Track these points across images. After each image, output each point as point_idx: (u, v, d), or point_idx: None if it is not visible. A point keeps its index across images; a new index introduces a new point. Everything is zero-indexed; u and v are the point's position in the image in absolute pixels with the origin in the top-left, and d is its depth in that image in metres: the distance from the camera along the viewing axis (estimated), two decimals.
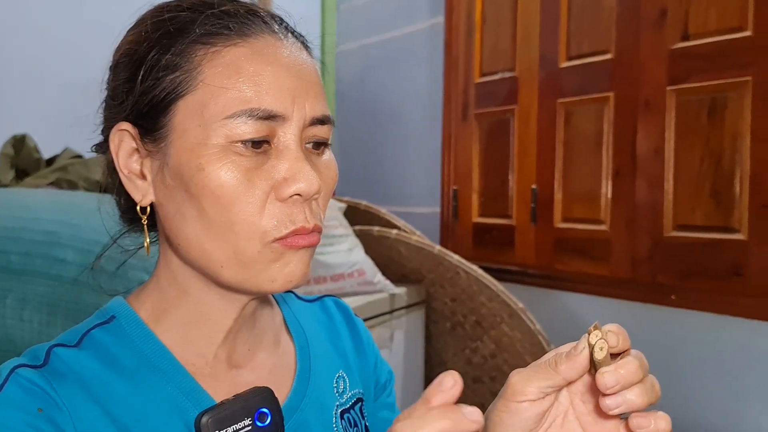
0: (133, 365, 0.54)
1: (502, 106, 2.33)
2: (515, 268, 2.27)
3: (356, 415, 0.65)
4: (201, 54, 0.51)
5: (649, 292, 1.86)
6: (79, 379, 0.51)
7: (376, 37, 2.85)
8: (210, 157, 0.50)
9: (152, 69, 0.52)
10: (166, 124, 0.52)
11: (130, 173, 0.55)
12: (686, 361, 1.78)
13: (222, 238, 0.51)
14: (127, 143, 0.54)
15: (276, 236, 0.51)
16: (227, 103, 0.50)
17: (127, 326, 0.56)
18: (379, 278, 1.82)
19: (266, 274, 0.52)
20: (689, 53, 1.77)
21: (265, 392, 0.52)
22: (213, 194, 0.50)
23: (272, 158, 0.52)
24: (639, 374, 0.44)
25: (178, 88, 0.51)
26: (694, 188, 1.76)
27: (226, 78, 0.50)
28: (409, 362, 1.93)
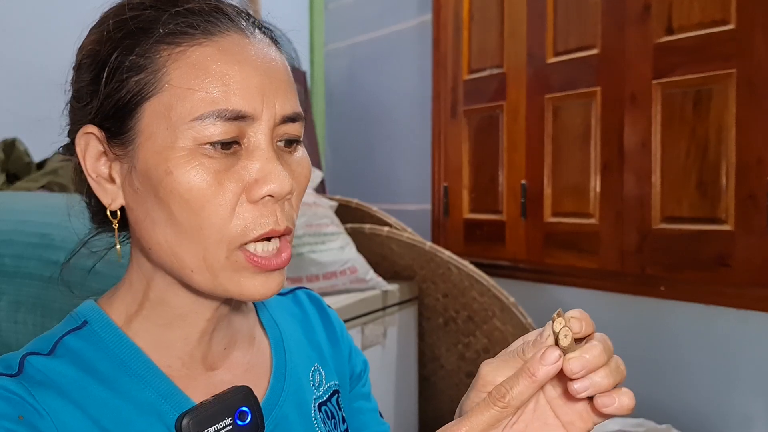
0: (110, 370, 0.53)
1: (491, 102, 2.34)
2: (506, 263, 2.29)
3: (333, 407, 0.66)
4: (166, 54, 0.50)
5: (639, 284, 1.88)
6: (56, 386, 0.50)
7: (364, 36, 2.86)
8: (178, 161, 0.49)
9: (116, 71, 0.51)
10: (133, 127, 0.51)
11: (99, 177, 0.54)
12: (676, 352, 1.80)
13: (192, 243, 0.50)
14: (93, 146, 0.53)
15: (243, 240, 0.51)
16: (194, 105, 0.49)
17: (101, 331, 0.55)
18: (371, 275, 1.83)
19: (236, 285, 0.51)
20: (673, 47, 1.79)
21: (244, 391, 0.53)
22: (182, 198, 0.49)
23: (243, 159, 0.51)
24: (603, 357, 0.46)
25: (144, 90, 0.50)
26: (681, 180, 1.78)
27: (193, 78, 0.49)
28: (402, 358, 1.95)
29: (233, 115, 0.49)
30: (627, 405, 0.46)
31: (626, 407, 0.46)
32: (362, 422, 0.71)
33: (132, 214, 0.54)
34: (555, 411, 0.49)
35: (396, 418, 1.92)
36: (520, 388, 0.45)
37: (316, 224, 1.78)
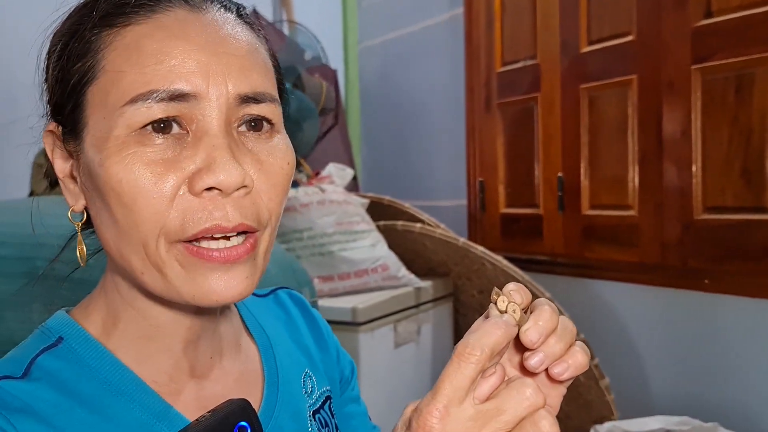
0: (93, 391, 0.48)
1: (525, 94, 2.30)
2: (544, 258, 2.24)
3: (327, 415, 0.62)
4: (103, 37, 0.46)
5: (681, 278, 1.82)
6: (36, 413, 0.45)
7: (396, 32, 2.84)
8: (109, 151, 0.44)
9: (61, 60, 0.48)
10: (79, 119, 0.47)
11: (64, 176, 0.51)
12: (721, 347, 1.74)
13: (132, 242, 0.45)
14: (50, 143, 0.51)
15: (182, 236, 0.45)
16: (126, 88, 0.44)
17: (78, 347, 0.50)
18: (404, 272, 1.82)
19: (185, 285, 0.46)
20: (713, 30, 1.72)
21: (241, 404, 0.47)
22: (114, 192, 0.44)
23: (188, 147, 0.45)
24: (555, 318, 0.44)
25: (84, 78, 0.46)
26: (724, 169, 1.71)
27: (125, 60, 0.44)
28: (437, 356, 1.93)
29: (168, 94, 0.44)
30: (581, 362, 0.43)
31: (581, 364, 0.43)
32: (353, 427, 0.67)
33: (91, 216, 0.50)
34: None
35: None
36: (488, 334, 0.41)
37: (346, 222, 1.78)
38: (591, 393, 1.81)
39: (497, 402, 0.40)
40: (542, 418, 0.40)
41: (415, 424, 0.40)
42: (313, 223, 1.76)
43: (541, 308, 0.44)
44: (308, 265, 1.71)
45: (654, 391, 1.90)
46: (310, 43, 2.22)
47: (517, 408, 0.40)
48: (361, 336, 1.60)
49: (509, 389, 0.40)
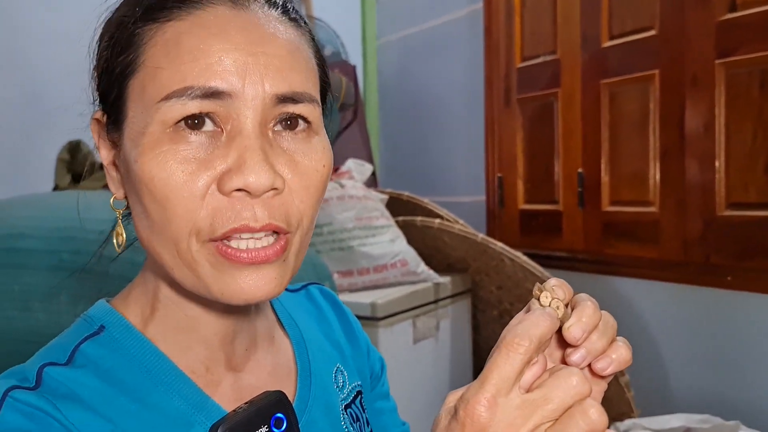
0: (134, 380, 0.49)
1: (545, 89, 2.29)
2: (564, 254, 2.23)
3: (358, 409, 0.62)
4: (146, 31, 0.46)
5: (703, 274, 1.80)
6: (81, 399, 0.46)
7: (415, 27, 2.84)
8: (144, 147, 0.44)
9: (107, 50, 0.48)
10: (122, 110, 0.47)
11: (109, 164, 0.51)
12: (744, 344, 1.72)
13: (165, 238, 0.46)
14: (96, 131, 0.52)
15: (212, 236, 0.45)
16: (162, 84, 0.44)
17: (119, 336, 0.50)
18: (423, 268, 1.82)
19: (215, 283, 0.46)
20: (738, 24, 1.69)
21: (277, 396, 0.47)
22: (147, 188, 0.44)
23: (221, 146, 0.45)
24: (597, 314, 0.44)
25: (127, 71, 0.46)
26: (748, 164, 1.69)
27: (164, 56, 0.44)
28: (456, 351, 1.93)
29: (203, 92, 0.43)
30: (625, 357, 0.44)
31: (624, 359, 0.44)
32: (384, 423, 0.68)
33: (130, 206, 0.50)
34: None
35: None
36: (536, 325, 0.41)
37: (366, 217, 1.79)
38: (611, 390, 1.80)
39: (544, 391, 0.40)
40: (590, 407, 0.39)
41: (462, 412, 0.40)
42: (333, 218, 1.77)
43: (584, 304, 0.44)
44: (328, 260, 1.72)
45: (675, 388, 1.88)
46: (329, 38, 2.22)
47: (564, 397, 0.39)
48: (380, 331, 1.60)
49: (555, 378, 0.40)
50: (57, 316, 1.08)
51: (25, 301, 1.09)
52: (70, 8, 2.18)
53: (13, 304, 1.10)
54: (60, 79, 2.17)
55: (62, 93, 2.16)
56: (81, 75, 2.19)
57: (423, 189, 2.58)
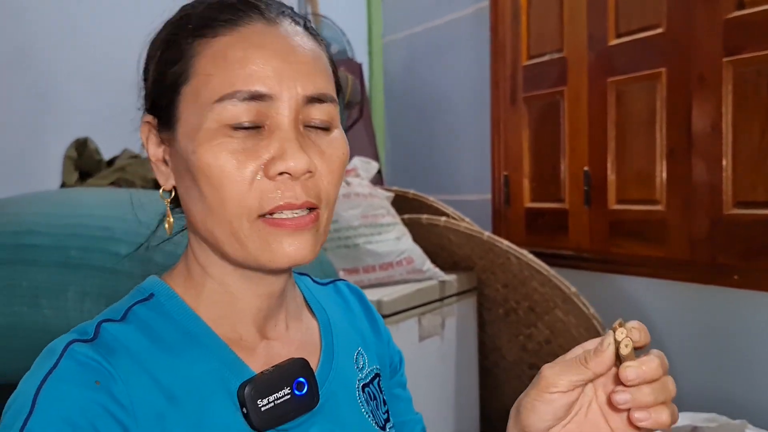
0: (175, 339, 0.57)
1: (551, 88, 2.28)
2: (570, 253, 2.23)
3: (375, 389, 0.69)
4: (196, 47, 0.55)
5: (710, 274, 1.79)
6: (128, 351, 0.54)
7: (421, 26, 2.84)
8: (201, 140, 0.54)
9: (159, 65, 0.57)
10: (174, 113, 0.57)
11: (157, 160, 0.60)
12: (751, 344, 1.71)
13: (218, 217, 0.54)
14: (146, 132, 0.60)
15: (260, 212, 0.54)
16: (215, 88, 0.53)
17: (166, 302, 0.59)
18: (428, 266, 1.82)
19: (263, 252, 0.55)
20: (745, 22, 1.69)
21: (301, 363, 0.57)
22: (204, 175, 0.54)
23: (264, 139, 0.54)
24: (658, 372, 0.49)
25: (179, 80, 0.56)
26: (755, 163, 1.68)
27: (214, 66, 0.54)
28: (462, 349, 1.93)
29: (249, 95, 0.53)
30: (664, 421, 0.48)
31: (663, 423, 0.48)
32: (399, 408, 0.74)
33: (179, 193, 0.59)
34: (605, 415, 0.54)
35: (456, 408, 1.91)
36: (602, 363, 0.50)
37: (372, 215, 1.79)
38: None
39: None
40: None
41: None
42: (339, 216, 1.77)
43: (652, 356, 0.50)
44: (334, 258, 1.73)
45: (681, 387, 1.87)
46: (335, 36, 2.23)
47: None
48: None
49: None
50: (64, 312, 1.08)
51: (32, 297, 1.10)
52: (77, 7, 2.19)
53: (22, 299, 1.10)
54: (67, 77, 2.18)
55: (70, 91, 2.17)
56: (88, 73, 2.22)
57: (429, 187, 2.58)
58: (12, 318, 1.11)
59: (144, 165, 1.92)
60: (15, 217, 1.21)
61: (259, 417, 0.54)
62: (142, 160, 1.95)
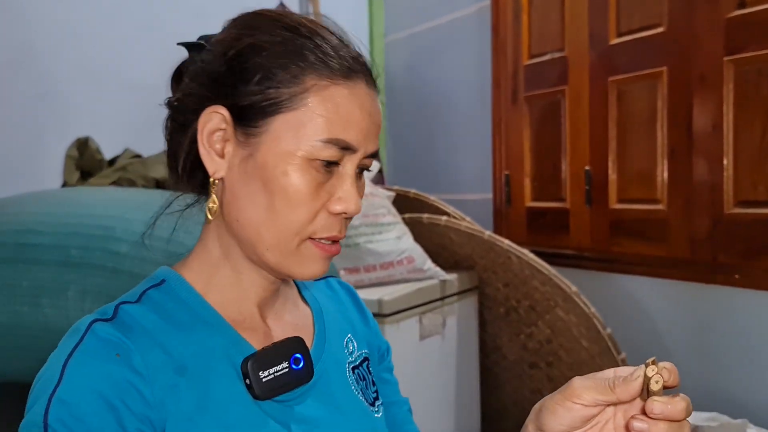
0: (185, 319, 0.64)
1: (552, 87, 2.28)
2: (571, 252, 2.23)
3: (364, 371, 0.76)
4: (310, 82, 0.61)
5: (711, 273, 1.79)
6: (143, 328, 0.60)
7: (423, 25, 2.84)
8: (295, 166, 0.61)
9: (266, 79, 0.61)
10: (262, 126, 0.62)
11: (210, 148, 0.63)
12: (752, 343, 1.71)
13: (278, 229, 0.62)
14: (215, 123, 0.63)
15: (311, 236, 0.63)
16: (322, 128, 0.61)
17: (176, 287, 0.65)
18: (429, 265, 1.82)
19: (298, 267, 0.64)
20: (747, 21, 1.69)
21: (298, 340, 0.65)
22: (287, 195, 0.61)
23: (334, 178, 0.63)
24: (683, 414, 0.53)
25: (284, 103, 0.61)
26: (756, 163, 1.68)
27: (325, 109, 0.61)
28: (462, 348, 1.93)
29: (344, 145, 0.62)
30: None
31: None
32: (387, 391, 0.81)
33: (230, 189, 0.64)
34: None
35: (457, 406, 1.91)
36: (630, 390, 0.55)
37: (372, 214, 1.79)
38: None
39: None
40: None
41: None
42: None
43: (680, 399, 0.53)
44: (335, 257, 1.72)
45: (682, 387, 1.86)
46: None
47: None
48: (386, 328, 1.61)
49: None
50: (65, 311, 1.09)
51: (33, 296, 1.10)
52: (80, 5, 2.19)
53: (22, 299, 1.11)
54: (69, 77, 2.18)
55: (71, 91, 2.18)
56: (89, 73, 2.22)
57: (430, 186, 2.58)
58: (13, 317, 1.11)
59: (145, 165, 1.92)
60: (16, 216, 1.21)
61: (260, 387, 0.61)
62: (143, 160, 1.95)
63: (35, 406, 0.56)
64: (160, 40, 2.37)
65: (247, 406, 0.61)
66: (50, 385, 0.56)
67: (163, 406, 0.58)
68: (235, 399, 0.61)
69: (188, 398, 0.59)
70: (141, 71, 2.29)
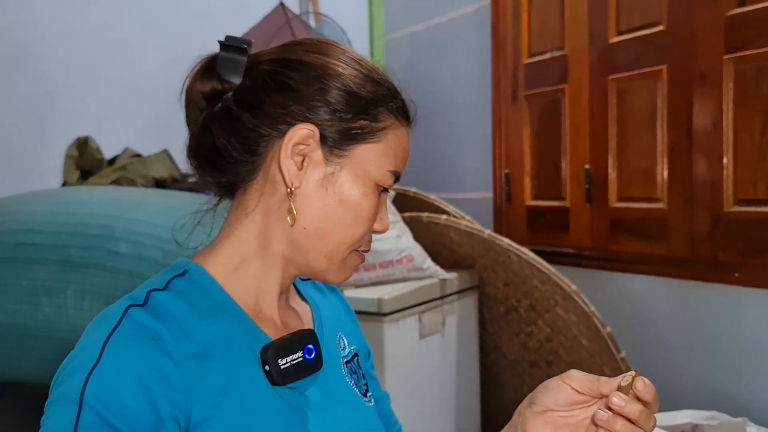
0: (208, 307, 0.68)
1: (553, 86, 2.28)
2: (571, 251, 2.23)
3: (355, 366, 0.82)
4: (390, 121, 0.72)
5: (711, 271, 1.79)
6: (171, 315, 0.64)
7: (423, 24, 2.84)
8: (369, 189, 0.71)
9: (361, 112, 0.70)
10: (349, 150, 0.70)
11: (291, 159, 0.69)
12: (752, 342, 1.71)
13: (341, 239, 0.70)
14: (302, 138, 0.69)
15: (356, 249, 0.73)
16: (392, 161, 0.72)
17: (198, 278, 0.70)
18: (429, 264, 1.82)
19: (336, 273, 0.73)
20: (747, 19, 1.68)
21: (310, 332, 0.71)
22: (360, 212, 0.70)
23: (380, 203, 0.73)
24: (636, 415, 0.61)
25: (370, 135, 0.71)
26: (756, 161, 1.68)
27: (393, 145, 0.72)
28: (462, 347, 1.93)
29: (398, 176, 0.73)
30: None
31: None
32: (372, 386, 0.86)
33: (302, 199, 0.70)
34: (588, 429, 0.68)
35: (457, 406, 1.91)
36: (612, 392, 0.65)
37: None
38: None
39: None
40: None
41: None
42: None
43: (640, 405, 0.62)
44: None
45: (682, 385, 1.87)
46: (336, 35, 2.23)
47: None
48: (386, 327, 1.61)
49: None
50: (64, 310, 1.09)
51: (33, 295, 1.10)
52: (80, 5, 2.19)
53: (22, 298, 1.11)
54: (69, 76, 2.19)
55: (71, 90, 2.18)
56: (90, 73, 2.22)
57: (430, 185, 2.58)
58: (12, 316, 1.12)
59: (145, 164, 1.93)
60: (15, 215, 1.22)
61: (278, 374, 0.66)
62: (143, 159, 1.96)
63: (70, 381, 0.58)
64: (160, 40, 2.39)
65: (265, 391, 0.66)
66: (88, 364, 0.59)
67: (192, 392, 0.61)
68: (255, 384, 0.66)
69: (213, 383, 0.63)
70: (141, 71, 2.30)
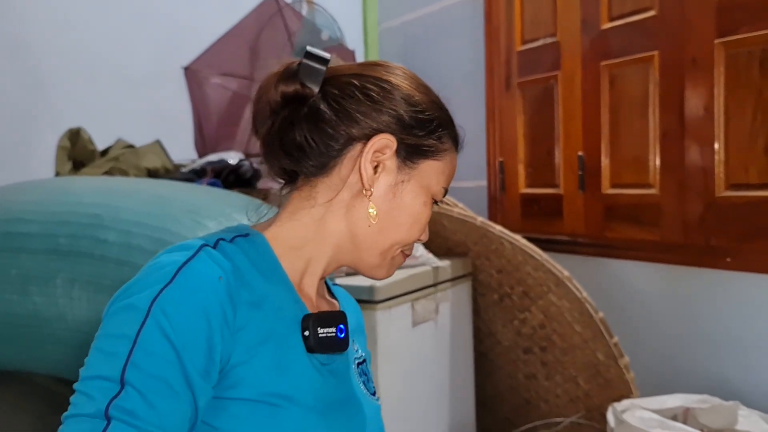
0: (264, 268, 0.74)
1: (545, 73, 2.28)
2: (565, 238, 2.23)
3: (365, 368, 0.89)
4: (449, 144, 0.82)
5: (703, 256, 1.79)
6: (234, 263, 0.70)
7: (416, 13, 2.83)
8: (428, 199, 0.80)
9: (432, 133, 0.80)
10: (419, 164, 0.79)
11: (368, 164, 0.77)
12: (743, 325, 1.72)
13: (396, 240, 0.79)
14: (382, 146, 0.77)
15: (402, 251, 0.82)
16: (446, 178, 0.82)
17: (258, 243, 0.76)
18: (421, 252, 1.82)
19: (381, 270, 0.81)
20: (737, 4, 1.68)
21: (343, 315, 0.79)
22: (419, 219, 0.80)
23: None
24: None
25: (433, 152, 0.80)
26: (747, 146, 1.68)
27: (449, 165, 0.82)
28: (456, 334, 1.94)
29: (446, 192, 0.83)
30: None
31: None
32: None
33: (377, 197, 0.78)
34: None
35: (451, 393, 1.92)
36: None
37: None
38: (611, 372, 1.80)
39: None
40: None
41: None
42: None
43: None
44: None
45: (675, 369, 1.88)
46: (327, 23, 2.22)
47: None
48: (378, 314, 1.61)
49: None
50: (53, 299, 1.09)
51: (22, 284, 1.10)
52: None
53: (11, 287, 1.11)
54: (61, 67, 2.18)
55: (63, 81, 2.17)
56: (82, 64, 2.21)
57: None
58: (2, 305, 1.12)
59: (138, 155, 1.93)
60: (4, 205, 1.22)
61: (315, 341, 0.73)
62: (135, 150, 1.95)
63: (141, 294, 0.64)
64: (153, 31, 2.38)
65: (300, 353, 0.72)
66: (162, 281, 0.65)
67: (238, 334, 0.67)
68: (292, 344, 0.72)
69: (257, 332, 0.69)
70: (133, 62, 2.29)
